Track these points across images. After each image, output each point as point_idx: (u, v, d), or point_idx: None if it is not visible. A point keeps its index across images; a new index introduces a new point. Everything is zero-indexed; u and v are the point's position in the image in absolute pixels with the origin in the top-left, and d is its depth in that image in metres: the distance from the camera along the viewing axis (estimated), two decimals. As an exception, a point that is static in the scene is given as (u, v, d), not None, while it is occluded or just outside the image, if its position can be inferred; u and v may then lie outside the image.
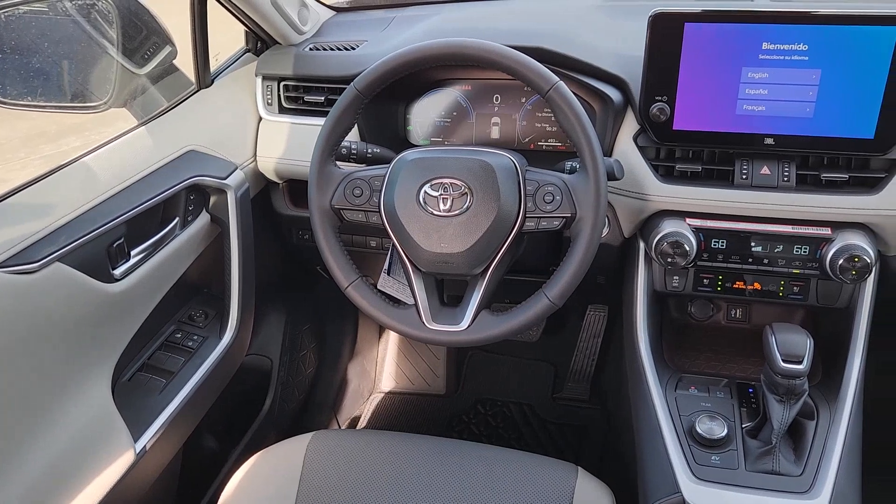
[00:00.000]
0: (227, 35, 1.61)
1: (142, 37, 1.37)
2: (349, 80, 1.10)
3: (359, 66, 1.24)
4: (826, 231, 1.17)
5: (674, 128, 1.17)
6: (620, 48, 1.28)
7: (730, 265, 1.22)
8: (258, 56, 1.53)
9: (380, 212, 1.10)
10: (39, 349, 1.02)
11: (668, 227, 1.19)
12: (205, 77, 1.43)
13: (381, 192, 1.10)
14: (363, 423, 2.06)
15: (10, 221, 0.99)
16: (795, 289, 1.23)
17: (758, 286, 1.24)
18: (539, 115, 1.40)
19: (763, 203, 1.17)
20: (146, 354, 1.30)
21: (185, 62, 1.43)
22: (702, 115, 1.16)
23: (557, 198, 1.05)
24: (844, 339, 1.20)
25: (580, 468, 1.11)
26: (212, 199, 1.35)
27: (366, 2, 1.70)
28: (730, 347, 1.35)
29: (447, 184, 1.06)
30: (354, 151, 1.20)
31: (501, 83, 1.40)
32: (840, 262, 1.12)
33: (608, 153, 1.25)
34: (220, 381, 1.42)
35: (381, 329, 2.22)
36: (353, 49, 1.44)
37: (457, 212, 1.05)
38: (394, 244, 1.11)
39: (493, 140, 1.43)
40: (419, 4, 1.64)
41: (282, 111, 1.47)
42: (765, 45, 1.09)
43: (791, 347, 1.02)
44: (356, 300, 1.12)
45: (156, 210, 1.23)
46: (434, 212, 1.06)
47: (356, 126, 1.35)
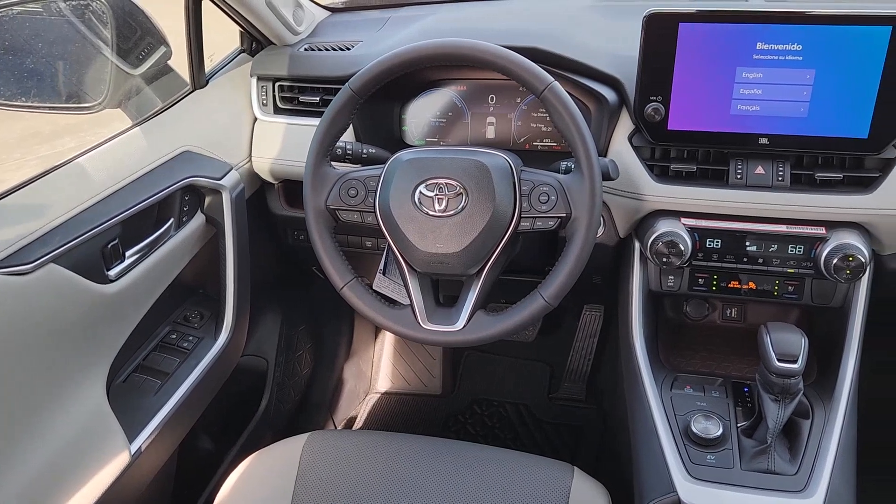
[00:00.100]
0: (224, 35, 1.60)
1: (136, 37, 1.37)
2: (344, 81, 1.10)
3: (354, 67, 1.24)
4: (820, 230, 1.17)
5: (668, 128, 1.17)
6: (615, 48, 1.28)
7: (725, 265, 1.23)
8: (253, 56, 1.53)
9: (375, 212, 1.10)
10: (34, 351, 1.01)
11: (664, 227, 1.19)
12: (200, 77, 1.43)
13: (377, 193, 1.10)
14: (359, 424, 2.06)
15: (4, 222, 0.99)
16: (790, 288, 1.23)
17: (753, 286, 1.25)
18: (534, 116, 1.40)
19: (758, 203, 1.17)
20: (141, 355, 1.30)
21: (180, 63, 1.42)
22: (696, 115, 1.16)
23: (552, 198, 1.05)
24: (839, 339, 1.21)
25: (576, 468, 1.11)
26: (207, 200, 1.35)
27: (361, 2, 1.70)
28: (725, 347, 1.36)
29: (442, 184, 1.06)
30: (349, 152, 1.20)
31: (496, 83, 1.40)
32: (834, 262, 1.12)
33: (603, 153, 1.26)
34: (216, 382, 1.42)
35: (377, 329, 2.22)
36: (349, 49, 1.44)
37: (452, 212, 1.05)
38: (389, 244, 1.11)
39: (489, 140, 1.43)
40: (414, 5, 1.64)
41: (277, 112, 1.46)
42: (759, 45, 1.10)
43: (786, 347, 1.03)
44: (351, 300, 1.12)
45: (150, 211, 1.23)
46: (429, 212, 1.06)
47: (351, 126, 1.35)
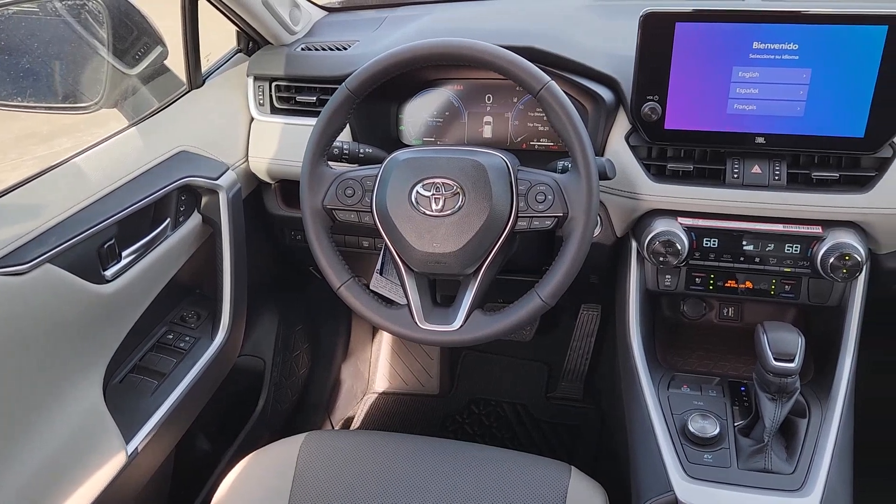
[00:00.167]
0: (220, 34, 1.60)
1: (133, 37, 1.37)
2: (341, 81, 1.10)
3: (350, 67, 1.23)
4: (817, 230, 1.17)
5: (665, 127, 1.17)
6: (612, 48, 1.28)
7: (721, 264, 1.23)
8: (250, 56, 1.52)
9: (372, 212, 1.10)
10: (29, 351, 1.01)
11: (660, 227, 1.19)
12: (196, 77, 1.43)
13: (373, 193, 1.10)
14: (357, 424, 2.06)
15: (1, 222, 0.99)
16: (787, 287, 1.23)
17: (749, 285, 1.25)
18: (531, 115, 1.40)
19: (754, 202, 1.17)
20: (138, 356, 1.30)
21: (177, 62, 1.42)
22: (693, 115, 1.16)
23: (549, 197, 1.05)
24: (836, 338, 1.21)
25: (573, 467, 1.11)
26: (203, 200, 1.35)
27: (357, 2, 1.70)
28: (722, 346, 1.36)
29: (439, 184, 1.06)
30: (346, 151, 1.20)
31: (493, 83, 1.40)
32: (831, 261, 1.12)
33: (600, 153, 1.26)
34: (213, 382, 1.41)
35: (375, 329, 2.22)
36: (345, 49, 1.44)
37: (449, 212, 1.05)
38: (386, 244, 1.11)
39: (486, 140, 1.43)
40: (411, 4, 1.64)
41: (273, 111, 1.46)
42: (755, 45, 1.10)
43: (783, 346, 1.03)
44: (348, 300, 1.12)
45: (147, 211, 1.23)
46: (426, 212, 1.06)
47: (348, 126, 1.35)
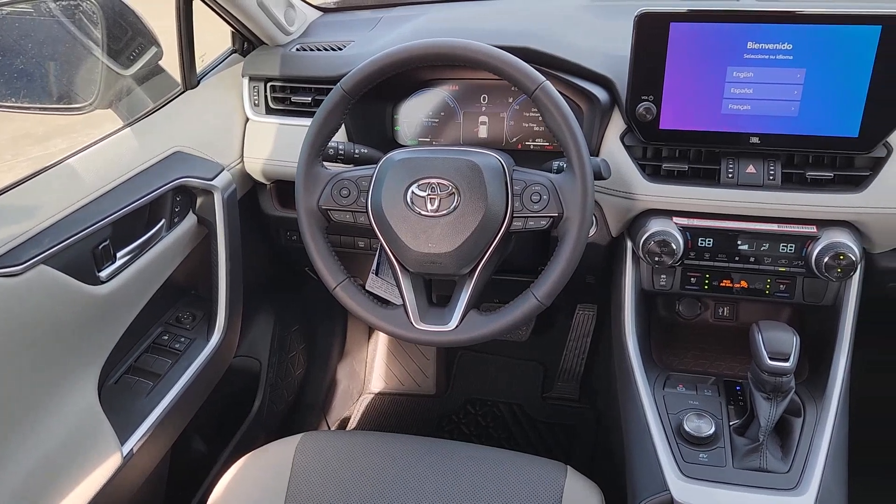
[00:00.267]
0: (215, 35, 1.60)
1: (127, 38, 1.36)
2: (336, 81, 1.10)
3: (346, 67, 1.23)
4: (811, 229, 1.18)
5: (660, 127, 1.17)
6: (607, 48, 1.28)
7: (716, 263, 1.23)
8: (245, 57, 1.52)
9: (367, 212, 1.10)
10: (24, 352, 1.01)
11: (655, 226, 1.19)
12: (191, 78, 1.42)
13: (369, 193, 1.10)
14: (353, 424, 2.06)
15: (-6, 223, 0.99)
16: (782, 287, 1.23)
17: (744, 284, 1.25)
18: (526, 115, 1.40)
19: (749, 201, 1.18)
20: (133, 357, 1.29)
21: (171, 63, 1.42)
22: (688, 115, 1.16)
23: (545, 197, 1.05)
24: (830, 337, 1.21)
25: (569, 467, 1.11)
26: (198, 201, 1.35)
27: (353, 2, 1.70)
28: (717, 345, 1.36)
29: (434, 184, 1.06)
30: (342, 152, 1.20)
31: (489, 83, 1.40)
32: (825, 260, 1.13)
33: (595, 153, 1.26)
34: (209, 383, 1.41)
35: (371, 330, 2.22)
36: (340, 49, 1.44)
37: (444, 212, 1.05)
38: (381, 244, 1.11)
39: (481, 140, 1.43)
40: (406, 5, 1.64)
41: (269, 112, 1.46)
42: (750, 45, 1.10)
43: (777, 345, 1.03)
44: (344, 301, 1.12)
45: (142, 212, 1.23)
46: (421, 212, 1.06)
47: (343, 126, 1.35)
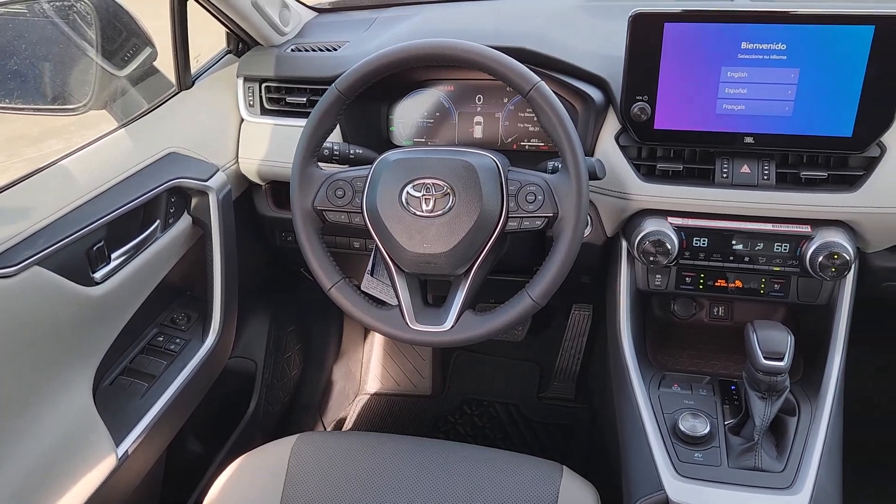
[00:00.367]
0: (210, 37, 1.60)
1: (121, 38, 1.36)
2: (331, 81, 1.10)
3: (340, 67, 1.23)
4: (806, 229, 1.18)
5: (655, 127, 1.18)
6: (602, 48, 1.28)
7: (711, 263, 1.23)
8: (239, 57, 1.52)
9: (362, 213, 1.10)
10: (18, 354, 1.00)
11: (650, 226, 1.19)
12: (185, 78, 1.42)
13: (364, 193, 1.10)
14: (349, 425, 2.06)
15: (-12, 225, 0.98)
16: (776, 286, 1.24)
17: (739, 284, 1.25)
18: (521, 116, 1.40)
19: (743, 201, 1.18)
20: (128, 358, 1.29)
21: (166, 64, 1.42)
22: (682, 115, 1.16)
23: (539, 197, 1.05)
24: (825, 336, 1.21)
25: (565, 467, 1.12)
26: (193, 202, 1.34)
27: (348, 3, 1.70)
28: (712, 345, 1.36)
29: (429, 184, 1.06)
30: (337, 152, 1.20)
31: (484, 83, 1.40)
32: (820, 260, 1.13)
33: (590, 153, 1.26)
34: (204, 384, 1.41)
35: (367, 330, 2.22)
36: (335, 50, 1.44)
37: (439, 212, 1.05)
38: (377, 245, 1.11)
39: (476, 140, 1.43)
40: (401, 5, 1.64)
41: (263, 112, 1.46)
42: (744, 45, 1.10)
43: (772, 344, 1.03)
44: (339, 301, 1.12)
45: (136, 213, 1.22)
46: (417, 212, 1.06)
47: (338, 127, 1.35)
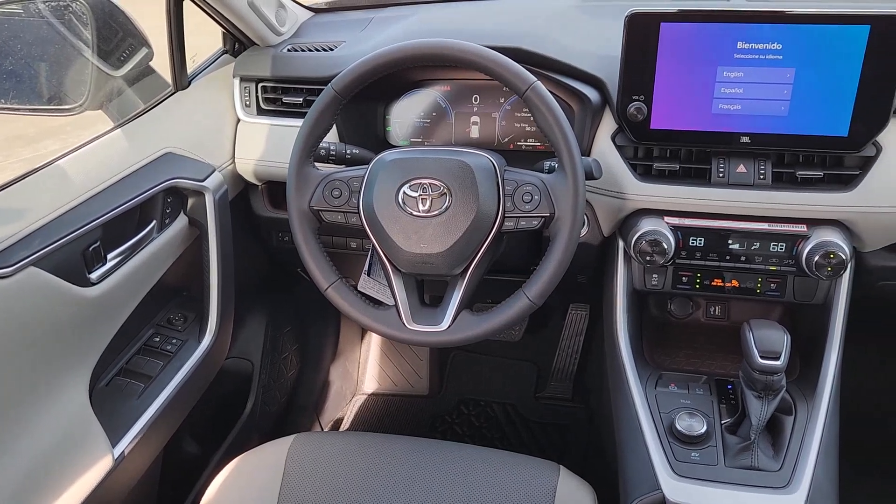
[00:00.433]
0: (206, 37, 1.59)
1: (117, 38, 1.36)
2: (327, 81, 1.10)
3: (337, 67, 1.23)
4: (802, 228, 1.18)
5: (651, 127, 1.18)
6: (598, 48, 1.28)
7: (708, 263, 1.23)
8: (236, 57, 1.52)
9: (359, 213, 1.10)
10: (14, 355, 1.00)
11: (647, 226, 1.19)
12: (182, 79, 1.42)
13: (360, 193, 1.10)
14: (346, 426, 2.05)
15: (-16, 225, 0.98)
16: (773, 285, 1.24)
17: (736, 283, 1.25)
18: (518, 116, 1.40)
19: (740, 201, 1.18)
20: (124, 359, 1.29)
21: (162, 64, 1.41)
22: (678, 114, 1.16)
23: (536, 197, 1.05)
24: (821, 335, 1.22)
25: (562, 467, 1.12)
26: (189, 202, 1.34)
27: (344, 3, 1.70)
28: (709, 344, 1.36)
29: (426, 184, 1.06)
30: (333, 152, 1.20)
31: (480, 83, 1.40)
32: (816, 259, 1.13)
33: (586, 153, 1.26)
34: (200, 385, 1.41)
35: (364, 330, 2.22)
36: (332, 50, 1.43)
37: (436, 212, 1.05)
38: (373, 245, 1.11)
39: (473, 140, 1.43)
40: (397, 5, 1.64)
41: (260, 112, 1.46)
42: (740, 45, 1.10)
43: (768, 344, 1.03)
44: (336, 301, 1.12)
45: (132, 213, 1.22)
46: (413, 212, 1.06)
47: (335, 127, 1.35)
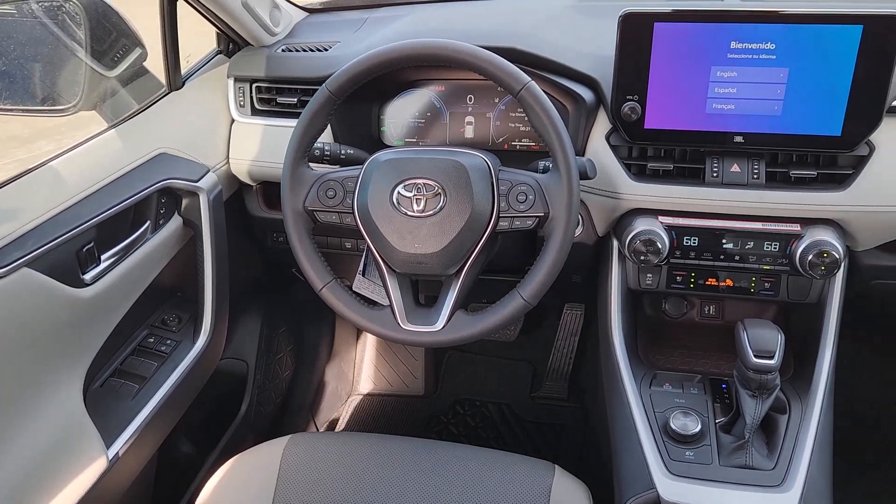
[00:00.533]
0: (202, 38, 1.59)
1: (111, 39, 1.36)
2: (322, 82, 1.09)
3: (331, 68, 1.23)
4: (795, 227, 1.18)
5: (645, 127, 1.18)
6: (592, 48, 1.28)
7: (702, 262, 1.24)
8: (230, 58, 1.52)
9: (353, 213, 1.10)
10: (7, 356, 1.00)
11: (641, 226, 1.20)
12: (175, 79, 1.42)
13: (355, 194, 1.09)
14: (341, 426, 2.05)
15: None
16: (767, 285, 1.24)
17: (730, 283, 1.26)
18: (512, 115, 1.40)
19: (734, 200, 1.18)
20: (118, 360, 1.29)
21: (156, 64, 1.41)
22: (672, 114, 1.17)
23: (530, 197, 1.05)
24: (815, 334, 1.22)
25: (557, 466, 1.12)
26: (184, 202, 1.34)
27: (339, 3, 1.70)
28: (703, 344, 1.37)
29: (420, 184, 1.06)
30: (328, 153, 1.20)
31: (475, 83, 1.40)
32: (809, 258, 1.14)
33: (581, 152, 1.26)
34: (195, 386, 1.40)
35: (359, 331, 2.22)
36: (326, 50, 1.43)
37: (430, 212, 1.05)
38: (368, 245, 1.11)
39: (467, 140, 1.43)
40: (392, 5, 1.64)
41: (254, 113, 1.45)
42: (733, 45, 1.11)
43: (762, 343, 1.04)
44: (331, 302, 1.11)
45: (126, 214, 1.22)
46: (408, 212, 1.06)
47: (329, 127, 1.35)
